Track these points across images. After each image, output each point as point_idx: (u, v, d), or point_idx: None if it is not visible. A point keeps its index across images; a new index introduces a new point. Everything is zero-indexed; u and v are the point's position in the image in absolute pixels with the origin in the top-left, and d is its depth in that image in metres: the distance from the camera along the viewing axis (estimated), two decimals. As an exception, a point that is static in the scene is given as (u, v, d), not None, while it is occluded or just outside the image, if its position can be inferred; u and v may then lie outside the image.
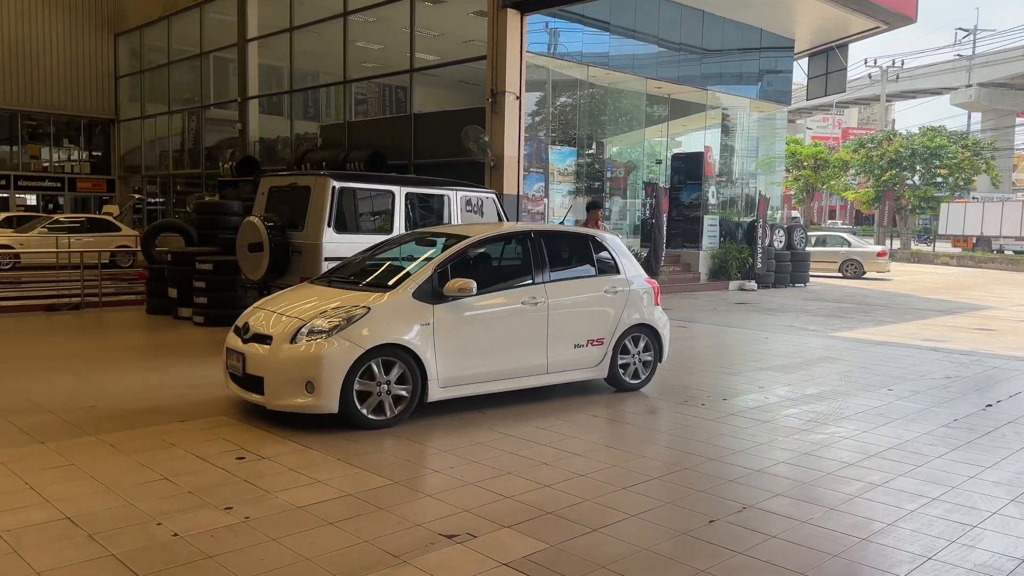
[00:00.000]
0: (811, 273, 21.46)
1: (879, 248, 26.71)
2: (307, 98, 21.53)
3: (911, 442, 5.90)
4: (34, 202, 27.82)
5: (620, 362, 7.13)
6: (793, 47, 22.10)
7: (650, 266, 16.78)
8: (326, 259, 8.71)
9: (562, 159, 17.40)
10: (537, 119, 16.76)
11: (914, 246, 41.39)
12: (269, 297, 6.80)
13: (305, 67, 21.13)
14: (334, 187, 8.91)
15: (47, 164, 28.24)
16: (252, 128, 21.53)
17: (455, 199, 10.02)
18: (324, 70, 20.59)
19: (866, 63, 67.62)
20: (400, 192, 9.48)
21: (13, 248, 19.03)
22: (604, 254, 7.25)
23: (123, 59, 27.54)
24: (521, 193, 14.83)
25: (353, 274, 6.70)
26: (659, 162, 20.53)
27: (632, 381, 7.25)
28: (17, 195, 27.12)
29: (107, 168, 28.55)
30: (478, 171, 14.58)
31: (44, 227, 20.09)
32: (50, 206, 27.59)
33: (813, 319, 13.51)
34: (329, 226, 8.80)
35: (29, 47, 25.59)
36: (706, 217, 19.66)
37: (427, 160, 16.25)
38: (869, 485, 4.89)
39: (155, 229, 13.90)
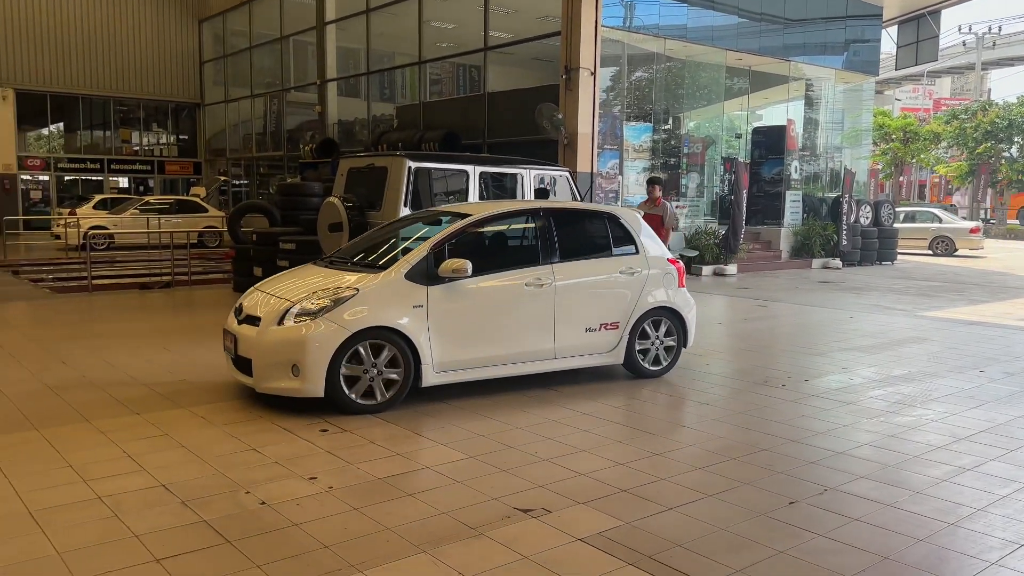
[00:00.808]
0: (899, 251, 20.63)
1: (972, 224, 25.49)
2: (383, 80, 21.81)
3: (1004, 425, 5.65)
4: (126, 185, 29.10)
5: (639, 347, 6.71)
6: (881, 14, 21.12)
7: (728, 244, 16.43)
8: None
9: (637, 135, 17.15)
10: (611, 95, 16.55)
11: (1010, 222, 39.31)
12: (270, 278, 6.61)
13: (381, 49, 21.39)
14: (410, 167, 9.03)
15: (137, 148, 29.48)
16: (331, 110, 21.95)
17: (528, 177, 10.02)
18: (400, 51, 20.79)
19: (960, 30, 64.10)
20: (474, 171, 9.53)
21: (108, 229, 20.00)
22: (622, 233, 6.79)
23: (207, 44, 28.41)
24: (595, 171, 14.71)
25: (358, 255, 6.47)
26: (739, 136, 20.01)
27: (652, 367, 6.81)
28: (111, 178, 28.43)
29: (193, 151, 29.62)
30: (551, 149, 14.53)
31: (136, 209, 21.03)
32: (140, 188, 28.82)
33: (901, 298, 13.02)
34: (405, 206, 8.93)
35: (120, 36, 26.66)
36: (788, 193, 19.10)
37: (500, 139, 16.27)
38: (958, 469, 4.71)
39: (240, 210, 14.38)
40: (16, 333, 8.87)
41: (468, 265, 5.73)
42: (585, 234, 6.84)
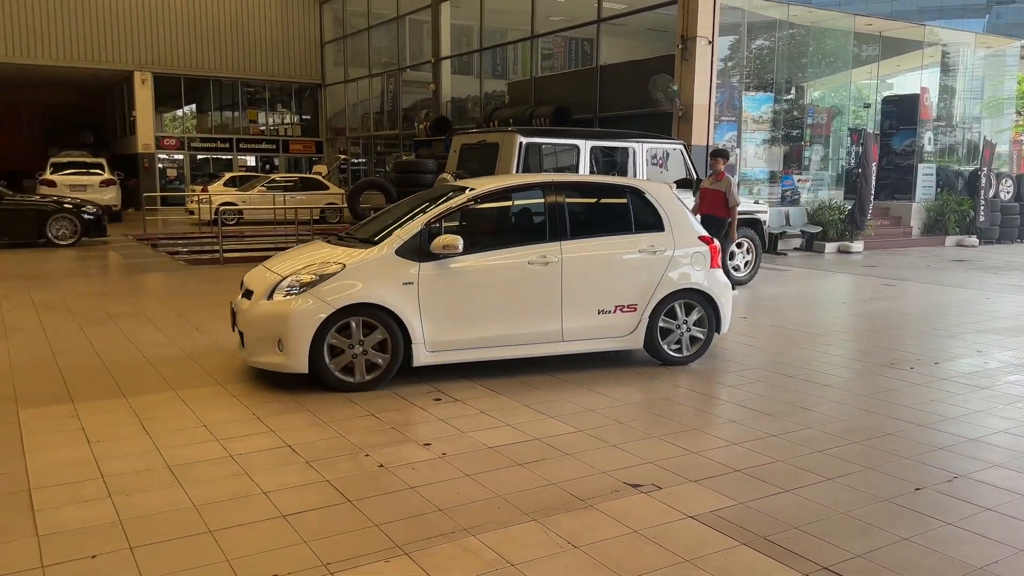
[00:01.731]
0: (1046, 227, 19.08)
1: None
2: (495, 56, 21.89)
3: None
4: (253, 163, 30.57)
5: (663, 330, 6.23)
6: (1031, -30, 19.41)
7: (855, 219, 15.67)
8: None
9: (757, 106, 16.53)
10: (730, 64, 16.00)
11: None
12: (278, 254, 6.54)
13: (494, 25, 21.45)
14: (521, 143, 9.06)
15: (264, 128, 30.86)
16: (444, 88, 22.26)
17: (641, 151, 9.86)
18: (512, 27, 20.80)
19: (1125, -17, 58.04)
20: (585, 146, 9.47)
21: (237, 205, 21.10)
22: (646, 208, 6.27)
23: (328, 26, 29.30)
24: (711, 143, 14.30)
25: (368, 231, 6.17)
26: (867, 106, 18.96)
27: (677, 354, 6.32)
28: (239, 157, 29.92)
29: (315, 131, 30.74)
30: (665, 122, 14.21)
31: (262, 186, 22.06)
32: (267, 167, 30.19)
33: (1045, 278, 12.06)
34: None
35: (248, 20, 27.87)
36: (921, 166, 17.98)
37: (612, 113, 16.05)
38: (1110, 463, 4.35)
39: (359, 187, 14.88)
40: (155, 301, 9.53)
41: (459, 241, 5.50)
42: (603, 210, 6.47)
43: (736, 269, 10.74)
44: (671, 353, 6.32)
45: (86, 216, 15.01)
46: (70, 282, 10.76)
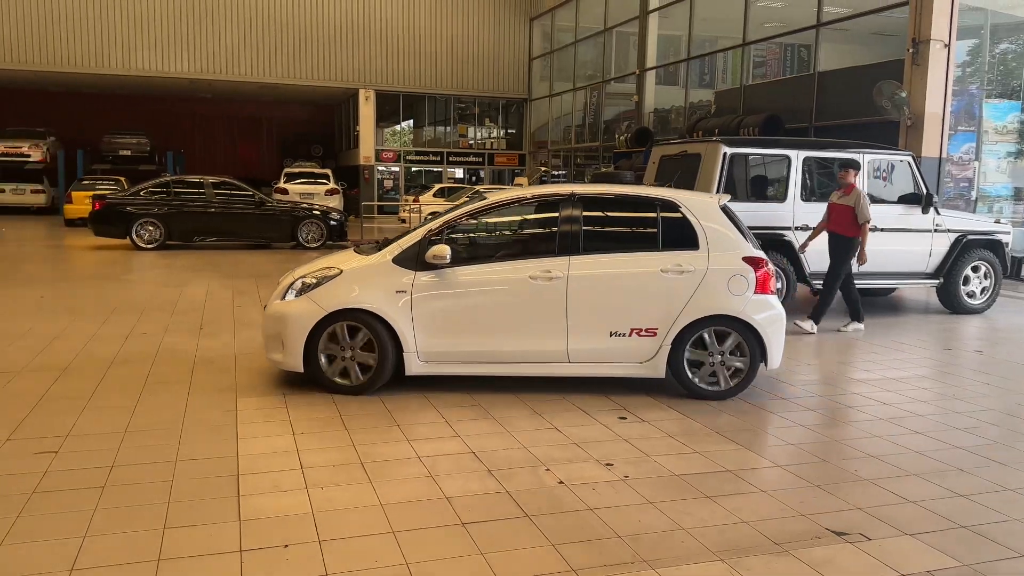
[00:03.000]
0: None
1: None
2: (703, 65, 21.30)
3: None
4: (460, 175, 31.95)
5: (691, 361, 5.59)
6: None
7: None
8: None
9: (1001, 115, 14.76)
10: (969, 70, 14.42)
11: None
12: (319, 259, 6.39)
13: (703, 34, 20.91)
14: (725, 153, 8.65)
15: (472, 142, 32.18)
16: (648, 99, 21.99)
17: (861, 162, 9.08)
18: (722, 35, 20.14)
19: None
20: (797, 157, 8.87)
21: (444, 214, 22.09)
22: (680, 224, 5.62)
23: (536, 42, 30.02)
24: (944, 155, 12.94)
25: (393, 239, 5.94)
26: None
27: (710, 388, 5.61)
28: (448, 169, 31.40)
29: (519, 144, 31.58)
30: (890, 132, 13.05)
31: (467, 196, 22.92)
32: (472, 179, 31.44)
33: None
34: (719, 193, 8.58)
35: (462, 40, 29.22)
36: None
37: (830, 122, 15.00)
38: None
39: (557, 198, 14.94)
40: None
41: (447, 252, 5.37)
42: (627, 224, 5.95)
43: (971, 296, 9.60)
44: (701, 386, 5.63)
45: (331, 222, 16.49)
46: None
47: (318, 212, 16.58)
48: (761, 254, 5.69)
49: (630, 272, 5.56)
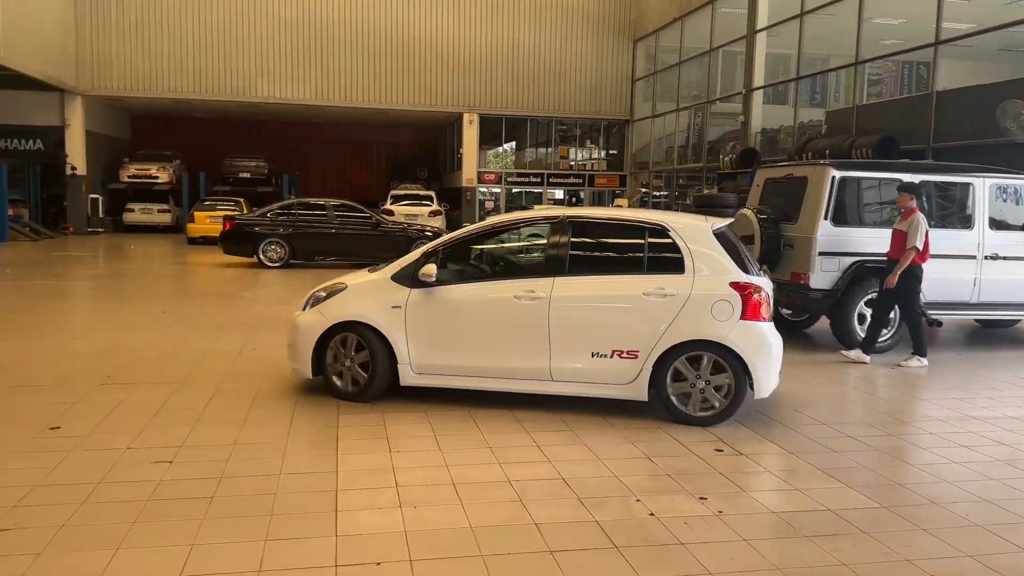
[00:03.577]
0: None
1: None
2: (813, 84, 20.68)
3: None
4: (560, 196, 32.08)
5: (673, 385, 5.53)
6: None
7: None
8: (820, 253, 8.25)
9: None
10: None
11: None
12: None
13: (814, 52, 20.32)
14: (833, 177, 8.37)
15: (572, 163, 32.30)
16: (754, 119, 21.52)
17: (982, 187, 8.60)
18: (834, 53, 19.52)
19: None
20: (913, 180, 8.48)
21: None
22: (667, 248, 5.61)
23: (639, 63, 29.92)
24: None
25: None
26: None
27: (692, 412, 5.53)
28: (548, 190, 31.60)
29: (620, 165, 31.46)
30: (1015, 154, 12.29)
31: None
32: (572, 200, 31.50)
33: None
34: (826, 219, 8.30)
35: (564, 62, 29.45)
36: None
37: (949, 143, 14.26)
38: None
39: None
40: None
41: (433, 271, 5.68)
42: (613, 247, 6.04)
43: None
44: (685, 411, 5.56)
45: None
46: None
47: (430, 232, 17.00)
48: (751, 280, 5.54)
49: (613, 294, 5.65)
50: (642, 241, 5.76)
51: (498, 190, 31.23)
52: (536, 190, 31.59)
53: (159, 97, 27.11)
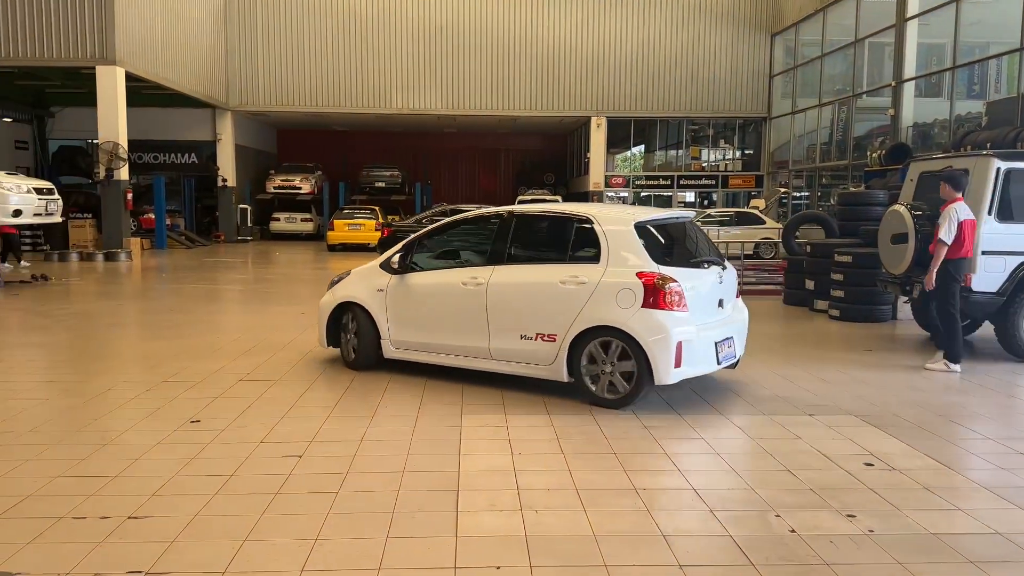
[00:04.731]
0: None
1: None
2: (971, 74, 19.08)
3: None
4: (691, 199, 31.21)
5: (586, 367, 5.83)
6: None
7: None
8: (983, 252, 7.52)
9: None
10: None
11: None
12: None
13: (971, 39, 18.76)
14: (998, 168, 7.62)
15: (705, 164, 31.35)
16: (905, 113, 20.11)
17: None
18: (995, 39, 17.94)
19: None
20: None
21: (675, 239, 21.61)
22: (589, 239, 5.96)
23: (777, 58, 28.70)
24: None
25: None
26: None
27: (601, 395, 5.80)
28: (678, 193, 30.81)
29: (756, 165, 30.24)
30: None
31: (698, 221, 22.32)
32: (704, 202, 30.57)
33: None
34: (990, 213, 7.56)
35: (696, 60, 28.66)
36: None
37: None
38: None
39: (796, 221, 14.07)
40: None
41: (397, 259, 6.69)
42: (546, 238, 6.47)
43: None
44: (595, 392, 5.83)
45: None
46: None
47: None
48: (658, 270, 5.66)
49: (536, 281, 6.07)
50: (570, 232, 6.14)
51: (626, 194, 30.77)
52: (666, 193, 30.90)
53: (300, 111, 28.52)
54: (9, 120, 25.75)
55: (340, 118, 30.60)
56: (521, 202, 24.85)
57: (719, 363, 5.92)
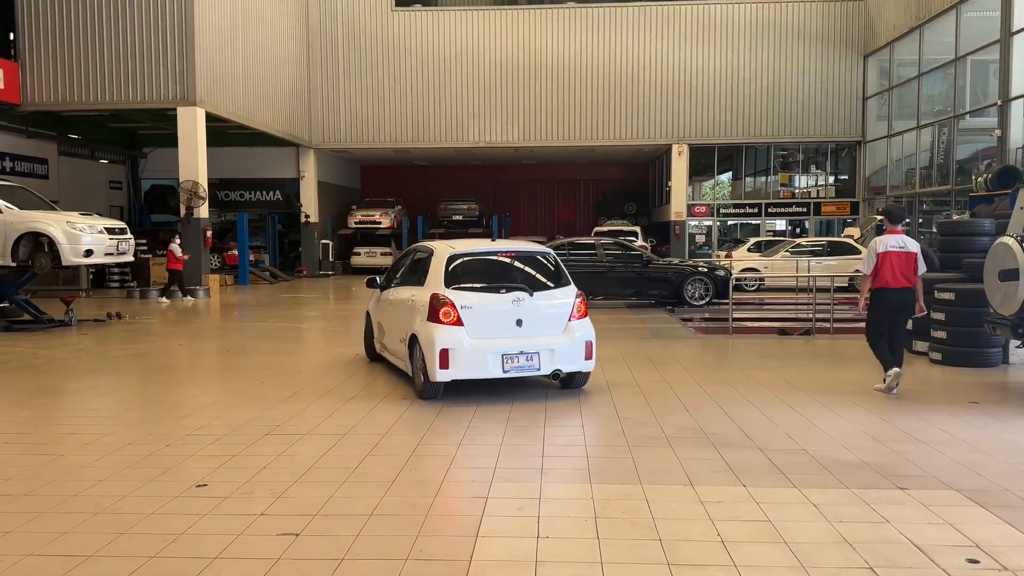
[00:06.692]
0: None
1: None
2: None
3: None
4: (781, 227, 29.76)
5: (411, 363, 7.61)
6: None
7: None
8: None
9: None
10: None
11: None
12: None
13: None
14: None
15: (795, 191, 29.90)
16: (1014, 133, 18.50)
17: None
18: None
19: None
20: None
21: (758, 271, 20.47)
22: (427, 267, 7.74)
23: (871, 79, 27.22)
24: None
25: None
26: None
27: (418, 386, 7.45)
28: (767, 221, 29.43)
29: (851, 191, 28.63)
30: None
31: (787, 251, 21.08)
32: (796, 230, 29.09)
33: None
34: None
35: (783, 84, 27.46)
36: None
37: None
38: None
39: (890, 252, 12.85)
40: (651, 372, 9.14)
41: (366, 280, 9.52)
42: (418, 266, 8.15)
43: None
44: (419, 385, 7.44)
45: (718, 278, 15.90)
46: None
47: (704, 269, 16.16)
48: (442, 292, 7.22)
49: (404, 299, 8.03)
50: (426, 262, 7.85)
51: (709, 223, 29.65)
52: (754, 221, 29.58)
53: (380, 147, 28.79)
54: (105, 161, 26.96)
55: (420, 153, 30.77)
56: (597, 233, 24.15)
57: (504, 372, 7.09)
